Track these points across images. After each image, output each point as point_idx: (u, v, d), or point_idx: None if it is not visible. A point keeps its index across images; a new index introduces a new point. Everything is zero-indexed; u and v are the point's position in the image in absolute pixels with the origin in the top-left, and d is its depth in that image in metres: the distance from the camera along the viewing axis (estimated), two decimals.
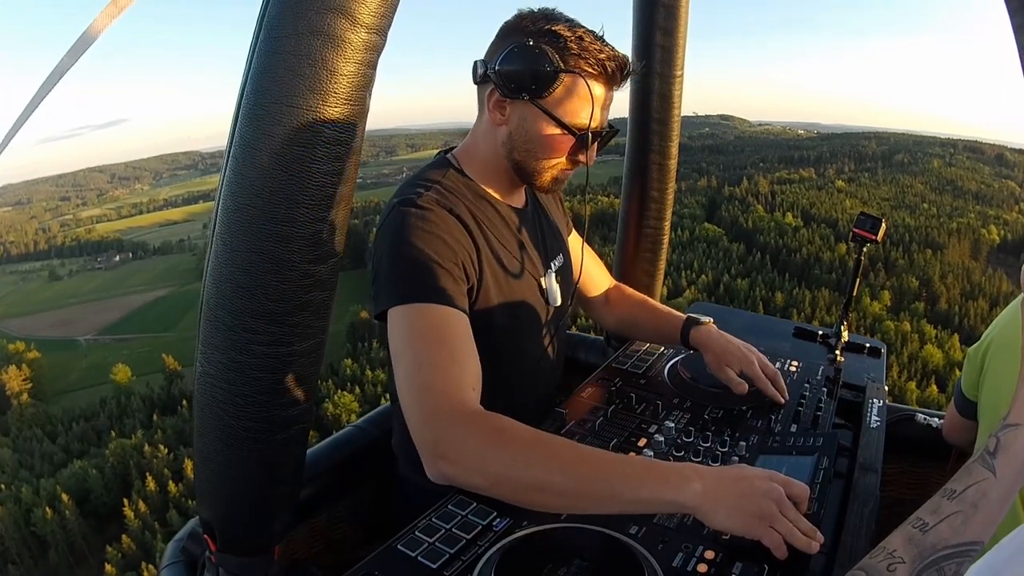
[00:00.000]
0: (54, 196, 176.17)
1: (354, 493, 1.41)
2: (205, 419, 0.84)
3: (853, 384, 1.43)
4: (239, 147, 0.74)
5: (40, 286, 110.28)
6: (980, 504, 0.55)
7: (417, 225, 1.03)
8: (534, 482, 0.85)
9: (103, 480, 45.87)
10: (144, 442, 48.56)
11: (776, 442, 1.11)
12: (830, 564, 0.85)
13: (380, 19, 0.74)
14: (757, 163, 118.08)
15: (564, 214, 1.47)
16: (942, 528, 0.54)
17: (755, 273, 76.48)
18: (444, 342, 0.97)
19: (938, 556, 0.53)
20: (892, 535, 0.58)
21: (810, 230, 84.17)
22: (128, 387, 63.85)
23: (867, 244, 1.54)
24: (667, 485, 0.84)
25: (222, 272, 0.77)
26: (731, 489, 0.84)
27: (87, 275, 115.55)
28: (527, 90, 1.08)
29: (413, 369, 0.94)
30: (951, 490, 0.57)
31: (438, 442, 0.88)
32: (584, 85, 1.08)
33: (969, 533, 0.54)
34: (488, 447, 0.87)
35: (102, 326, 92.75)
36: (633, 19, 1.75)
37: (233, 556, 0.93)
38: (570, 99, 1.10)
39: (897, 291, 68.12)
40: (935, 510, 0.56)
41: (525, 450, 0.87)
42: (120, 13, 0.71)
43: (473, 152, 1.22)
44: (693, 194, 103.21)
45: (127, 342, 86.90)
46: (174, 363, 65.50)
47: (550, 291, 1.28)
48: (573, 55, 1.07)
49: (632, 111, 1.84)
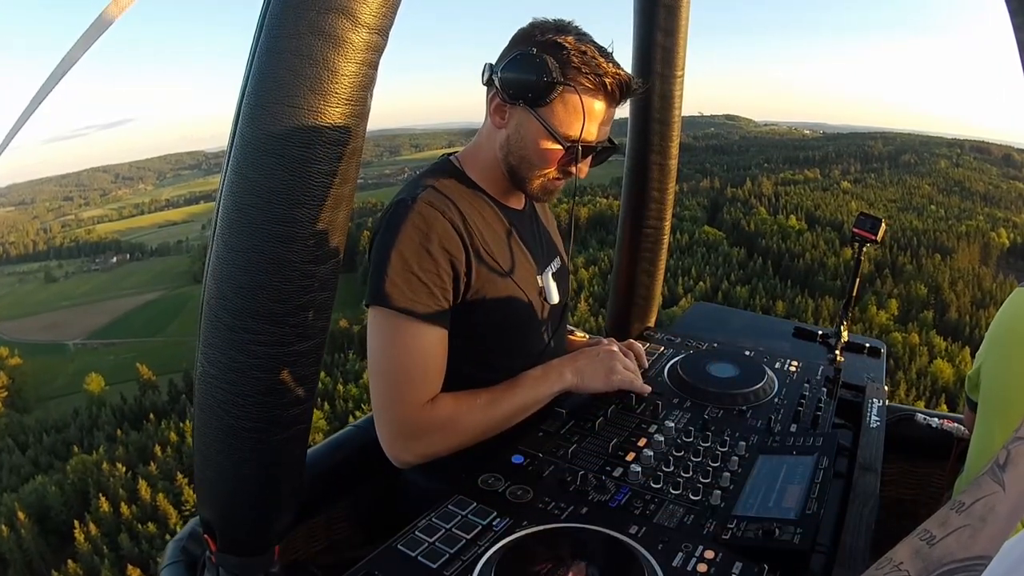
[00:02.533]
0: (57, 196, 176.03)
1: (354, 493, 1.41)
2: (206, 419, 0.84)
3: (853, 384, 1.43)
4: (240, 147, 0.74)
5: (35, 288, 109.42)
6: (988, 519, 0.53)
7: (410, 231, 1.09)
8: (482, 433, 1.15)
9: (63, 497, 44.52)
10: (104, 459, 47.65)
11: (776, 442, 1.11)
12: (830, 564, 0.85)
13: (381, 19, 0.74)
14: (761, 163, 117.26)
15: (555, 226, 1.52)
16: (949, 542, 0.53)
17: (756, 280, 74.11)
18: (415, 357, 1.11)
19: (944, 570, 0.52)
20: (898, 546, 0.56)
21: (814, 233, 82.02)
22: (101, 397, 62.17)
23: (867, 244, 1.54)
24: (551, 380, 1.20)
25: (223, 272, 0.77)
26: (586, 362, 1.23)
27: (83, 277, 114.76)
28: (525, 98, 1.11)
29: (386, 381, 1.12)
30: (960, 503, 0.55)
31: (403, 450, 1.13)
32: (580, 99, 1.11)
33: (977, 548, 0.52)
34: (447, 435, 1.13)
35: (91, 330, 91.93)
36: (634, 19, 1.76)
37: (233, 556, 0.93)
38: (566, 111, 1.12)
39: (905, 299, 65.70)
40: (943, 523, 0.55)
41: (470, 422, 1.13)
42: (123, 12, 0.71)
43: (477, 152, 1.25)
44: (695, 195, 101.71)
45: (114, 347, 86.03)
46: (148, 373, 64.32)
47: (547, 289, 1.30)
48: (574, 68, 1.09)
49: (632, 111, 1.84)
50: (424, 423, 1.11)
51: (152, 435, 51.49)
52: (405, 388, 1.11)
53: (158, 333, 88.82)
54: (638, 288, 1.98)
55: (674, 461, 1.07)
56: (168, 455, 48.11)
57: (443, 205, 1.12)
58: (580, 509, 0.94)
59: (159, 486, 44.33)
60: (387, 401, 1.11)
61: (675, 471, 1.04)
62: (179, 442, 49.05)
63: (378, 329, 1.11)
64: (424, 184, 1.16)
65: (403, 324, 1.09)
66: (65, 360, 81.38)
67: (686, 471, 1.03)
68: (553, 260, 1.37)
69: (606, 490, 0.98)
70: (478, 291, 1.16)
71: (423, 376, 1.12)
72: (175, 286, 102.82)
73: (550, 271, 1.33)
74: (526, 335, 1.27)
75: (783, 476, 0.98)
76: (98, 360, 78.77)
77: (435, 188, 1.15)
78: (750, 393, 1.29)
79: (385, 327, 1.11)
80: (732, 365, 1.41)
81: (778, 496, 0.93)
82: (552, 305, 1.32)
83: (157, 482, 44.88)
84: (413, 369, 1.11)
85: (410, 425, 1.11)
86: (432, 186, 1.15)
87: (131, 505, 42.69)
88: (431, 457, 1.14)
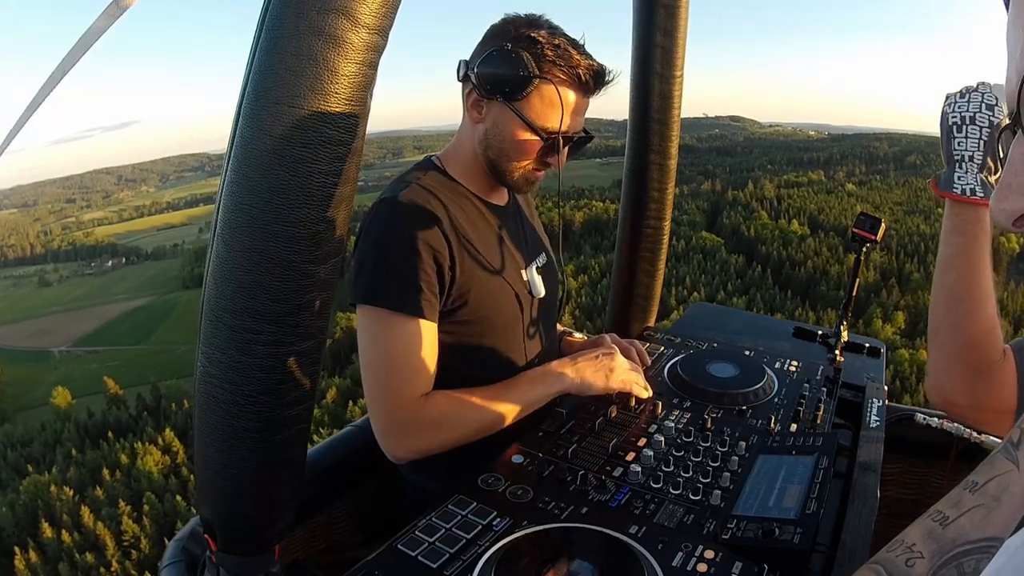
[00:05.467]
0: (60, 198, 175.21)
1: (354, 493, 1.41)
2: (206, 419, 0.84)
3: (853, 384, 1.43)
4: (240, 147, 0.75)
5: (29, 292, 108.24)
6: (1003, 498, 0.52)
7: (393, 228, 1.12)
8: (475, 432, 1.15)
9: (14, 519, 42.87)
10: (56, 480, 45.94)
11: (776, 442, 1.11)
12: (830, 564, 0.85)
13: (381, 20, 0.74)
14: (765, 165, 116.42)
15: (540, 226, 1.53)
16: (963, 522, 0.52)
17: (754, 289, 71.91)
18: (403, 353, 1.12)
19: (958, 551, 0.51)
20: (910, 528, 0.55)
21: (816, 239, 79.61)
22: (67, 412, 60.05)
23: (866, 244, 1.54)
24: (549, 381, 1.20)
25: (223, 272, 0.78)
26: (586, 363, 1.22)
27: (77, 281, 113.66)
28: (502, 92, 1.14)
29: (378, 378, 1.12)
30: (973, 482, 0.54)
31: (396, 446, 1.13)
32: (556, 91, 1.14)
33: (991, 528, 0.51)
34: (440, 432, 1.13)
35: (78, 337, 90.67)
36: (633, 19, 1.76)
37: (233, 556, 0.93)
38: (542, 103, 1.15)
39: (912, 311, 60.86)
40: (956, 503, 0.54)
41: (464, 420, 1.14)
42: (122, 13, 0.71)
43: (457, 150, 1.27)
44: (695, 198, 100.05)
45: (97, 355, 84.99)
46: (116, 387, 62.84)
47: (532, 282, 1.32)
48: (548, 61, 1.12)
49: (632, 111, 1.84)
50: (416, 419, 1.12)
51: (107, 454, 49.69)
52: (396, 384, 1.11)
53: (143, 341, 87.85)
54: (638, 288, 1.98)
55: (674, 461, 1.07)
56: (117, 479, 46.53)
57: (425, 202, 1.14)
58: (580, 509, 0.94)
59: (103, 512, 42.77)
60: (378, 398, 1.12)
61: (675, 471, 1.04)
62: (129, 465, 47.35)
63: (365, 326, 1.13)
64: (406, 182, 1.18)
65: (390, 320, 1.10)
66: (49, 368, 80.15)
67: (686, 471, 1.04)
68: (538, 256, 1.39)
69: (606, 490, 0.98)
70: (463, 285, 1.17)
71: (413, 372, 1.12)
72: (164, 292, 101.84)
73: (535, 266, 1.35)
74: (512, 329, 1.29)
75: (783, 476, 0.98)
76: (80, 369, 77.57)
77: (417, 186, 1.17)
78: (750, 393, 1.29)
79: (372, 324, 1.12)
80: (732, 365, 1.41)
81: (778, 496, 0.93)
82: (539, 299, 1.33)
83: (102, 508, 43.30)
84: (402, 365, 1.12)
85: (402, 421, 1.12)
86: (414, 184, 1.18)
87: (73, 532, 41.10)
88: (425, 453, 1.14)
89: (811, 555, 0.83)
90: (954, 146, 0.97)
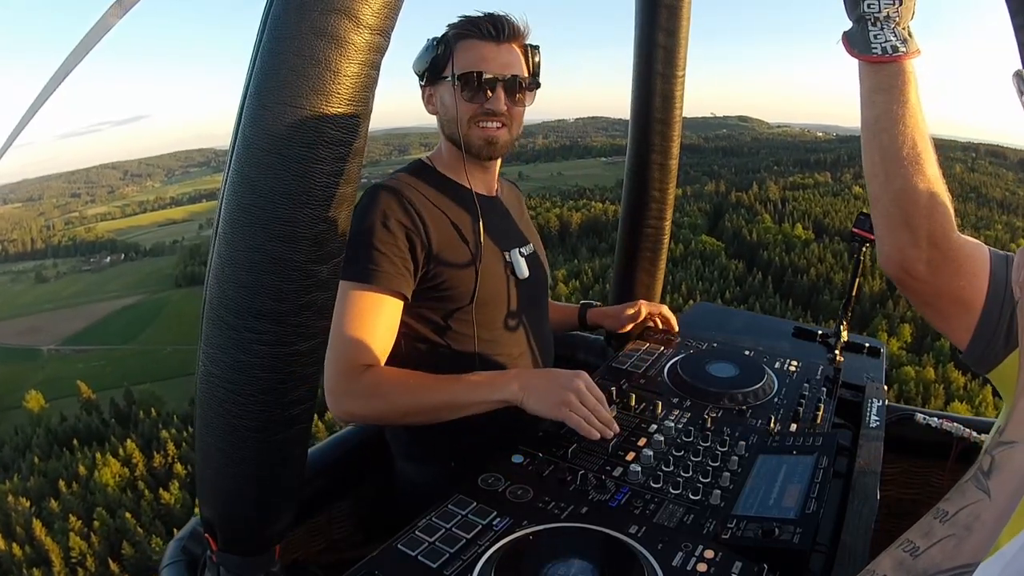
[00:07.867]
0: (65, 192, 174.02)
1: (354, 493, 1.41)
2: (207, 418, 0.84)
3: (853, 384, 1.43)
4: (242, 147, 0.75)
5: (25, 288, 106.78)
6: (974, 527, 0.52)
7: (370, 212, 1.21)
8: (404, 413, 1.19)
9: None
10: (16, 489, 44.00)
11: (776, 442, 1.11)
12: (829, 564, 0.86)
13: (383, 20, 0.74)
14: (771, 166, 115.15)
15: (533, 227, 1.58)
16: (934, 552, 0.52)
17: (753, 298, 67.96)
18: (364, 320, 1.19)
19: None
20: (881, 557, 0.55)
21: (820, 245, 76.62)
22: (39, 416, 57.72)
23: (866, 244, 1.54)
24: (493, 388, 1.15)
25: (225, 271, 0.78)
26: (540, 382, 1.15)
27: (74, 277, 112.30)
28: (432, 72, 1.30)
29: (336, 338, 1.16)
30: (943, 511, 0.54)
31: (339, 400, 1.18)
32: (465, 45, 1.27)
33: (962, 557, 0.51)
34: (371, 401, 1.18)
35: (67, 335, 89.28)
36: (635, 20, 1.76)
37: (234, 555, 0.93)
38: (460, 63, 1.27)
39: (920, 323, 54.97)
40: (927, 533, 0.54)
41: (395, 397, 1.18)
42: (125, 13, 0.71)
43: (439, 148, 1.40)
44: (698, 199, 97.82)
45: (85, 354, 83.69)
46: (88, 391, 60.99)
47: (516, 264, 1.37)
48: (455, 29, 1.29)
49: (633, 111, 1.84)
50: (353, 386, 1.18)
51: (69, 465, 47.50)
52: (344, 348, 1.18)
53: (131, 340, 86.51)
54: (638, 288, 1.98)
55: (674, 461, 1.07)
56: (74, 491, 44.21)
57: (402, 190, 1.26)
58: (580, 509, 0.94)
59: (56, 526, 40.58)
60: (329, 359, 1.17)
61: (675, 471, 1.04)
62: (87, 476, 45.42)
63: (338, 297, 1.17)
64: (392, 176, 1.32)
65: (348, 291, 1.18)
66: (36, 367, 78.64)
67: (686, 471, 1.04)
68: (524, 245, 1.44)
69: (606, 490, 0.99)
70: (440, 260, 1.26)
71: (363, 341, 1.19)
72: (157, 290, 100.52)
73: (519, 251, 1.40)
74: (495, 306, 1.34)
75: (783, 476, 0.98)
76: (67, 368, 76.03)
77: (400, 179, 1.30)
78: (750, 393, 1.29)
79: (341, 294, 1.15)
80: (732, 365, 1.41)
81: (778, 496, 0.93)
82: (522, 280, 1.38)
83: (55, 521, 41.12)
84: (355, 332, 1.18)
85: (342, 383, 1.18)
86: (396, 175, 1.32)
87: (25, 546, 39.15)
88: (361, 419, 1.31)
89: (811, 555, 0.83)
90: (865, 6, 0.86)
